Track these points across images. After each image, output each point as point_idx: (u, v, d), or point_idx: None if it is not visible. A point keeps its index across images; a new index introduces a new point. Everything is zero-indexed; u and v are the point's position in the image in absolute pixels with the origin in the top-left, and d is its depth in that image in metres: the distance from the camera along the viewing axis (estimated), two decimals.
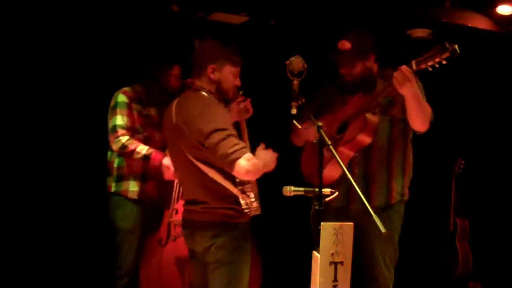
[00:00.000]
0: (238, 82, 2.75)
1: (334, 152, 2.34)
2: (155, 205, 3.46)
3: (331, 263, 2.14)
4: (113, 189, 3.44)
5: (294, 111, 2.57)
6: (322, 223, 2.14)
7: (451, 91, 4.76)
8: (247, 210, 2.56)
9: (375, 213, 2.18)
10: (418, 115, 2.92)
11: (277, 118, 3.19)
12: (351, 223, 2.21)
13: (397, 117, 3.05)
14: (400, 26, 4.30)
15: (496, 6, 4.19)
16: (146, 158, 3.28)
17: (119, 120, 3.32)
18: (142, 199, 3.43)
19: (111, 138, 3.33)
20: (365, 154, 3.04)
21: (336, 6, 3.91)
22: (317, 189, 2.28)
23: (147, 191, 3.44)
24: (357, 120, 2.98)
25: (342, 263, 2.16)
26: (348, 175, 2.30)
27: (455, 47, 2.60)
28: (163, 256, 3.36)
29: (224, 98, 2.73)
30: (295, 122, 2.69)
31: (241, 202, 2.54)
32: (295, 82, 2.60)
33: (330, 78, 3.22)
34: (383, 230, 2.13)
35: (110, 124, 3.35)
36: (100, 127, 3.44)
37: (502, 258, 4.62)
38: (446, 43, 2.62)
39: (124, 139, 3.28)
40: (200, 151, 2.54)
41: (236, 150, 2.42)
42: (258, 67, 3.98)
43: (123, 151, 3.30)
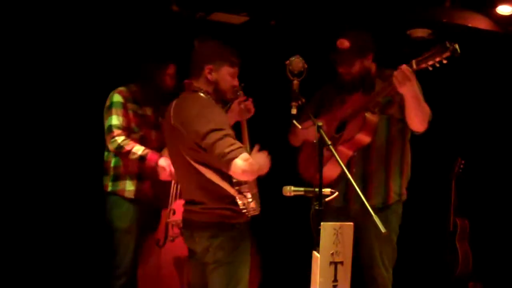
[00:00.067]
0: (236, 82, 2.75)
1: (334, 152, 2.34)
2: (151, 204, 3.46)
3: (331, 263, 2.14)
4: (109, 188, 3.44)
5: (294, 111, 2.57)
6: (322, 223, 2.14)
7: (451, 91, 4.76)
8: (245, 211, 2.56)
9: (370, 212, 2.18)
10: (417, 114, 2.92)
11: (277, 118, 3.19)
12: (351, 223, 2.21)
13: (395, 117, 3.05)
14: (400, 26, 4.30)
15: (496, 6, 4.19)
16: (142, 158, 3.28)
17: (114, 120, 3.32)
18: (138, 199, 3.43)
19: (107, 138, 3.33)
20: (363, 153, 3.04)
21: (336, 6, 3.91)
22: (317, 189, 2.28)
23: (143, 190, 3.44)
24: (356, 119, 2.98)
25: (342, 263, 2.16)
26: (348, 175, 2.30)
27: (456, 46, 2.60)
28: (161, 257, 3.36)
29: (222, 99, 2.73)
30: (295, 122, 2.69)
31: (238, 202, 2.54)
32: (295, 82, 2.59)
33: (330, 78, 3.22)
34: (383, 230, 2.13)
35: (106, 124, 3.35)
36: (97, 127, 3.43)
37: (502, 258, 4.62)
38: (447, 42, 2.62)
39: (120, 139, 3.28)
40: (198, 152, 2.54)
41: (232, 150, 2.42)
42: (258, 67, 3.98)
43: (119, 151, 3.30)
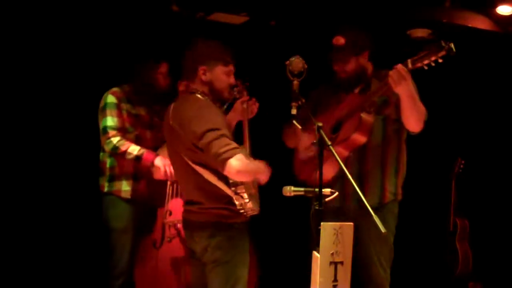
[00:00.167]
0: (232, 80, 2.75)
1: (334, 152, 2.33)
2: (148, 204, 3.46)
3: (331, 263, 2.14)
4: (106, 189, 3.44)
5: (294, 111, 2.56)
6: (322, 223, 2.14)
7: (452, 91, 4.76)
8: (242, 211, 2.56)
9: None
10: (412, 114, 2.90)
11: (277, 118, 3.19)
12: (351, 223, 2.21)
13: (391, 117, 3.03)
14: (400, 26, 4.30)
15: (496, 6, 4.20)
16: (138, 158, 3.28)
17: (109, 121, 3.33)
18: (135, 199, 3.43)
19: (103, 139, 3.34)
20: (359, 153, 3.01)
21: (336, 6, 3.91)
22: (317, 189, 2.28)
23: (139, 190, 3.44)
24: (351, 120, 2.96)
25: (342, 263, 2.16)
26: (348, 176, 2.29)
27: (451, 45, 2.58)
28: (158, 257, 3.35)
29: (219, 98, 2.73)
30: (295, 122, 2.68)
31: (235, 203, 2.54)
32: (295, 82, 2.59)
33: (329, 78, 3.22)
34: (383, 230, 2.13)
35: (101, 125, 3.36)
36: (92, 128, 3.43)
37: (502, 258, 4.62)
38: (442, 41, 2.60)
39: (115, 140, 3.29)
40: (195, 153, 2.55)
41: (227, 150, 2.43)
42: (258, 67, 3.98)
43: (115, 152, 3.30)
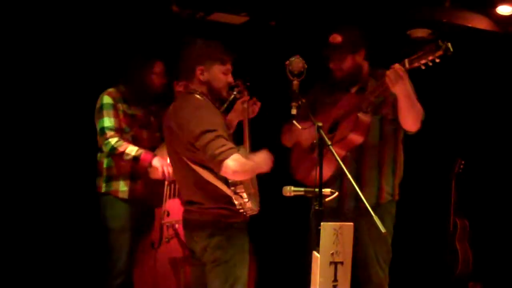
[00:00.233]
0: (230, 79, 2.75)
1: (334, 152, 2.33)
2: (145, 204, 3.47)
3: (331, 263, 2.15)
4: (103, 189, 3.44)
5: (294, 111, 2.56)
6: (322, 223, 2.15)
7: (452, 91, 4.76)
8: (242, 210, 2.57)
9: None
10: (410, 114, 2.89)
11: (277, 118, 3.19)
12: (351, 223, 2.21)
13: (388, 117, 3.02)
14: (400, 26, 4.30)
15: (496, 6, 4.20)
16: (136, 159, 3.29)
17: (106, 122, 3.33)
18: (132, 199, 3.43)
19: (100, 140, 3.34)
20: (356, 153, 3.00)
21: (336, 6, 3.91)
22: (317, 189, 2.28)
23: (137, 190, 3.45)
24: (348, 119, 2.95)
25: (342, 263, 2.16)
26: (349, 176, 2.29)
27: (448, 45, 2.56)
28: (157, 258, 3.35)
29: (218, 98, 2.74)
30: (295, 122, 2.68)
31: (234, 202, 2.54)
32: (295, 82, 2.58)
33: (325, 77, 3.20)
34: (383, 230, 2.13)
35: (98, 126, 3.36)
36: (89, 128, 3.43)
37: (502, 258, 4.62)
38: (439, 41, 2.58)
39: (113, 141, 3.29)
40: (193, 152, 2.55)
41: (223, 151, 2.43)
42: (258, 67, 3.98)
43: (113, 153, 3.31)
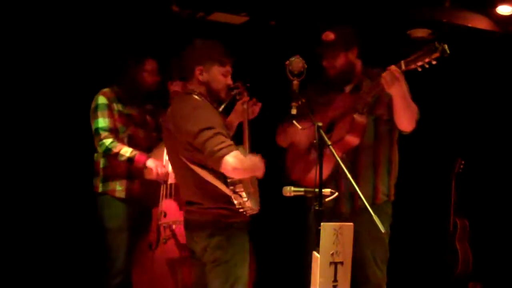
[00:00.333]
0: (229, 81, 2.75)
1: (334, 152, 2.33)
2: (142, 203, 3.47)
3: (331, 263, 2.15)
4: (100, 189, 3.45)
5: (294, 111, 2.56)
6: (322, 223, 2.15)
7: (452, 91, 4.76)
8: (241, 210, 2.57)
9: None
10: (405, 114, 2.89)
11: (277, 118, 3.19)
12: (351, 223, 2.21)
13: (383, 117, 3.02)
14: (400, 26, 4.29)
15: (496, 6, 4.20)
16: (130, 160, 3.30)
17: (101, 122, 3.34)
18: (129, 198, 3.44)
19: (95, 141, 3.36)
20: (351, 154, 2.98)
21: (336, 6, 3.91)
22: (317, 189, 2.28)
23: (134, 190, 3.45)
24: (344, 121, 2.94)
25: (342, 263, 2.16)
26: (349, 176, 2.29)
27: (445, 47, 2.55)
28: (155, 259, 3.35)
29: (217, 99, 2.74)
30: (295, 122, 2.68)
31: (234, 202, 2.54)
32: (295, 82, 2.59)
33: (318, 75, 3.18)
34: (382, 230, 2.14)
35: (93, 127, 3.37)
36: (86, 129, 3.43)
37: (502, 258, 4.62)
38: (436, 42, 2.57)
39: (107, 142, 3.30)
40: (192, 152, 2.56)
41: (222, 148, 2.43)
42: (258, 67, 3.98)
43: (108, 153, 3.32)
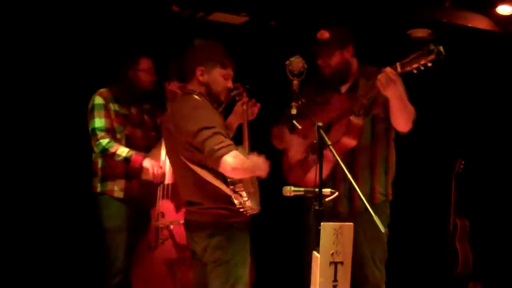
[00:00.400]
0: (230, 84, 2.74)
1: (334, 152, 2.33)
2: (141, 203, 3.47)
3: (331, 263, 2.15)
4: (98, 189, 3.45)
5: (294, 111, 2.56)
6: (322, 223, 2.15)
7: (452, 91, 4.76)
8: (242, 210, 2.56)
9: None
10: (402, 115, 2.88)
11: (277, 118, 3.19)
12: (351, 223, 2.21)
13: (379, 117, 3.01)
14: (400, 26, 4.30)
15: (496, 6, 4.19)
16: (127, 160, 3.31)
17: (97, 123, 3.35)
18: (128, 198, 3.44)
19: (92, 141, 3.36)
20: (348, 155, 2.97)
21: (336, 6, 3.91)
22: (317, 189, 2.28)
23: (132, 189, 3.46)
24: (340, 123, 2.93)
25: (342, 263, 2.16)
26: (349, 176, 2.28)
27: (440, 49, 2.54)
28: (153, 259, 3.35)
29: (216, 101, 2.73)
30: (295, 122, 2.68)
31: (234, 201, 2.54)
32: (295, 82, 2.59)
33: (314, 74, 3.15)
34: (383, 230, 2.14)
35: (90, 127, 3.37)
36: (84, 129, 3.43)
37: (502, 258, 4.62)
38: (431, 44, 2.56)
39: (104, 142, 3.31)
40: (191, 152, 2.55)
41: (222, 147, 2.43)
42: (258, 67, 3.98)
43: (105, 153, 3.33)
